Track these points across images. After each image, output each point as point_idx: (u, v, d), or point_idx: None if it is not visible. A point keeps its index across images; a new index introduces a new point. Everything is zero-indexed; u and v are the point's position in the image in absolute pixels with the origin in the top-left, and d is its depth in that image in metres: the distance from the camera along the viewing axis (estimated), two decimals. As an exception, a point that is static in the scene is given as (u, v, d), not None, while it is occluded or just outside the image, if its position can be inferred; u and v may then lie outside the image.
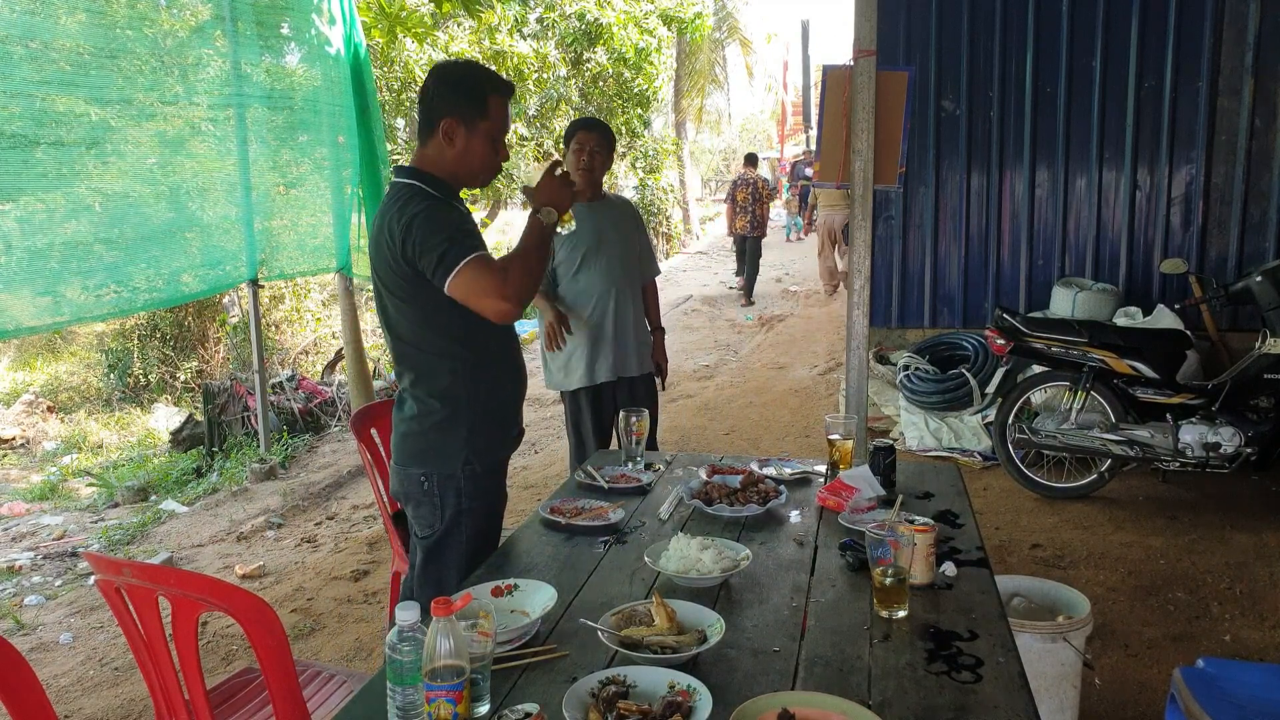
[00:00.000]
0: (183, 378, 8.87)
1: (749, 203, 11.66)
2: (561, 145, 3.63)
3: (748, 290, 12.09)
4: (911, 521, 1.91)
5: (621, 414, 2.65)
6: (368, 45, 6.03)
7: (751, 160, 12.76)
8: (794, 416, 6.39)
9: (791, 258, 15.11)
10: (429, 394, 2.19)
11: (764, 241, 12.29)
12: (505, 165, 2.36)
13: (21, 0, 3.85)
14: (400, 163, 2.68)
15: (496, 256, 2.08)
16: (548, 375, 3.64)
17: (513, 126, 13.22)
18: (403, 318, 2.17)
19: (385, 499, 2.80)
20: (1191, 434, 4.18)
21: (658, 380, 3.70)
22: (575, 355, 3.50)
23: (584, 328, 3.47)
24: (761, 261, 12.38)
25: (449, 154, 2.16)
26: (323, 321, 9.51)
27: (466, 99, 2.13)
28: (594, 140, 3.40)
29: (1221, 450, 4.12)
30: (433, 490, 2.20)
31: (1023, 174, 6.01)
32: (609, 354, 3.49)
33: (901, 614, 1.68)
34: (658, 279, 3.82)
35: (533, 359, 9.20)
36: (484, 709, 1.40)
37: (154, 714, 1.87)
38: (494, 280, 2.01)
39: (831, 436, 2.56)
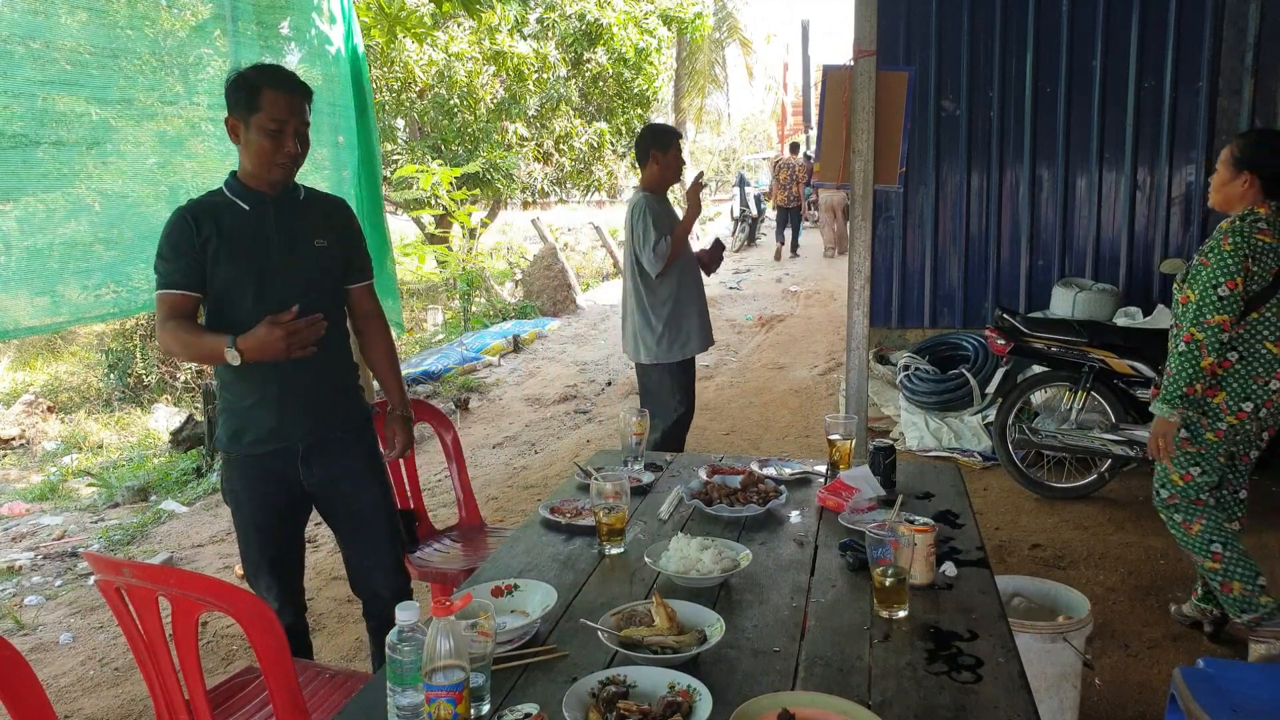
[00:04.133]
0: (183, 378, 8.87)
1: (789, 181, 15.08)
2: (658, 150, 4.06)
3: (793, 247, 15.77)
4: (911, 521, 1.90)
5: (622, 414, 2.65)
6: (367, 45, 6.03)
7: (794, 148, 16.14)
8: (794, 416, 6.39)
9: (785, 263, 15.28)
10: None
11: (765, 242, 14.84)
12: (504, 164, 2.39)
13: (23, 0, 3.85)
14: (400, 164, 2.73)
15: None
16: (656, 350, 4.03)
17: (512, 127, 13.27)
18: None
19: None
20: (1191, 434, 4.17)
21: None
22: (689, 326, 4.07)
23: (693, 300, 4.10)
24: (763, 268, 14.76)
25: (241, 153, 2.27)
26: (322, 321, 9.50)
27: (242, 95, 2.20)
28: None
29: (1221, 450, 4.11)
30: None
31: (1023, 174, 6.01)
32: (707, 321, 4.22)
33: (901, 614, 1.68)
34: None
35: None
36: (484, 709, 1.40)
37: (154, 714, 1.87)
38: (159, 317, 2.20)
39: (831, 436, 2.56)
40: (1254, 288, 2.79)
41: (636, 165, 4.22)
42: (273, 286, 2.24)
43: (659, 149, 4.01)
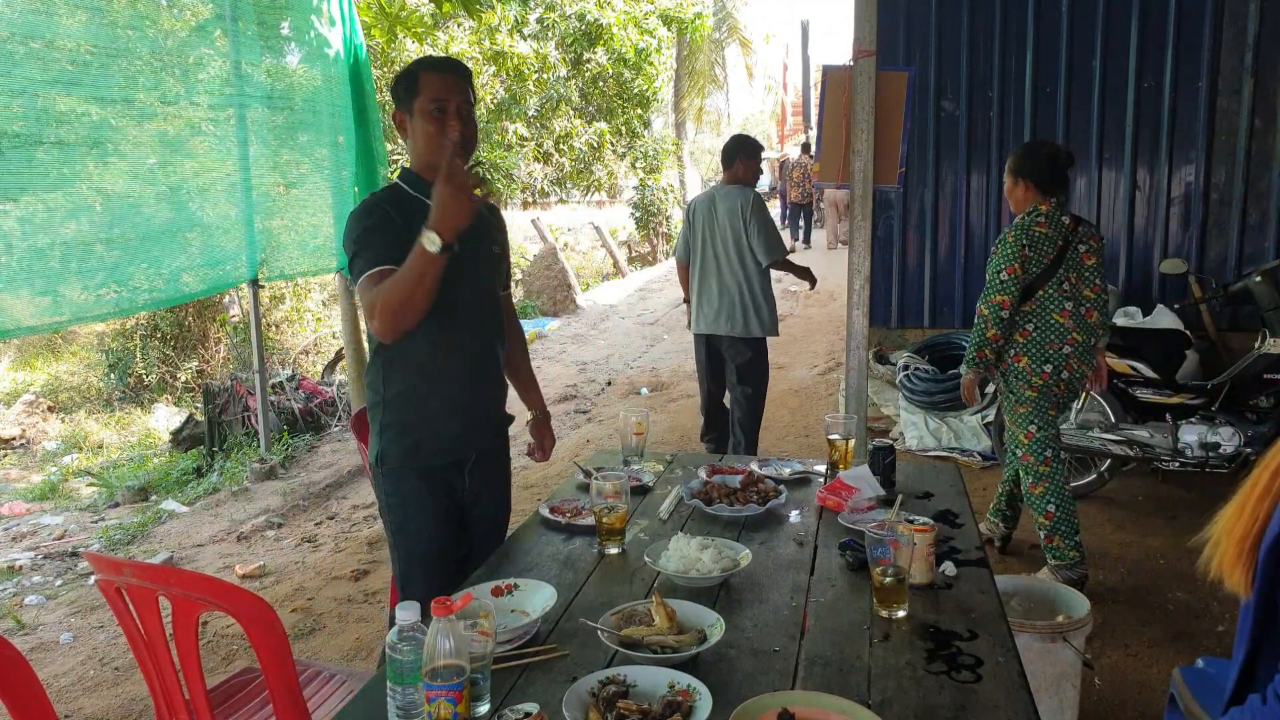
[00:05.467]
0: (183, 378, 8.87)
1: (801, 179, 15.95)
2: (744, 159, 4.65)
3: (804, 237, 16.70)
4: (911, 521, 1.91)
5: (622, 414, 2.66)
6: (368, 45, 6.03)
7: (805, 148, 16.58)
8: (794, 416, 6.39)
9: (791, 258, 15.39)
10: (368, 381, 2.24)
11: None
12: (504, 164, 2.32)
13: (24, 0, 3.85)
14: (401, 163, 2.67)
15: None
16: (768, 323, 4.60)
17: (512, 127, 13.28)
18: None
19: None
20: (1191, 434, 4.18)
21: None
22: None
23: None
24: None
25: (411, 147, 2.17)
26: (323, 321, 9.52)
27: (403, 86, 2.12)
28: None
29: (1221, 450, 4.12)
30: (374, 475, 2.25)
31: (1023, 174, 6.01)
32: None
33: (901, 614, 1.68)
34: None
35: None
36: (484, 709, 1.40)
37: (154, 714, 1.87)
38: (367, 302, 1.97)
39: (831, 436, 2.56)
40: (1034, 270, 3.35)
41: (725, 162, 4.67)
42: (462, 290, 2.12)
43: (749, 155, 4.65)
